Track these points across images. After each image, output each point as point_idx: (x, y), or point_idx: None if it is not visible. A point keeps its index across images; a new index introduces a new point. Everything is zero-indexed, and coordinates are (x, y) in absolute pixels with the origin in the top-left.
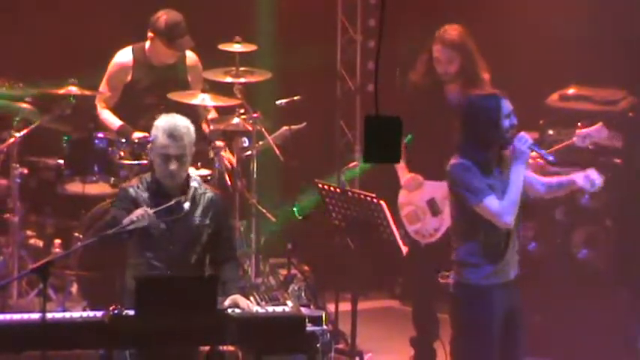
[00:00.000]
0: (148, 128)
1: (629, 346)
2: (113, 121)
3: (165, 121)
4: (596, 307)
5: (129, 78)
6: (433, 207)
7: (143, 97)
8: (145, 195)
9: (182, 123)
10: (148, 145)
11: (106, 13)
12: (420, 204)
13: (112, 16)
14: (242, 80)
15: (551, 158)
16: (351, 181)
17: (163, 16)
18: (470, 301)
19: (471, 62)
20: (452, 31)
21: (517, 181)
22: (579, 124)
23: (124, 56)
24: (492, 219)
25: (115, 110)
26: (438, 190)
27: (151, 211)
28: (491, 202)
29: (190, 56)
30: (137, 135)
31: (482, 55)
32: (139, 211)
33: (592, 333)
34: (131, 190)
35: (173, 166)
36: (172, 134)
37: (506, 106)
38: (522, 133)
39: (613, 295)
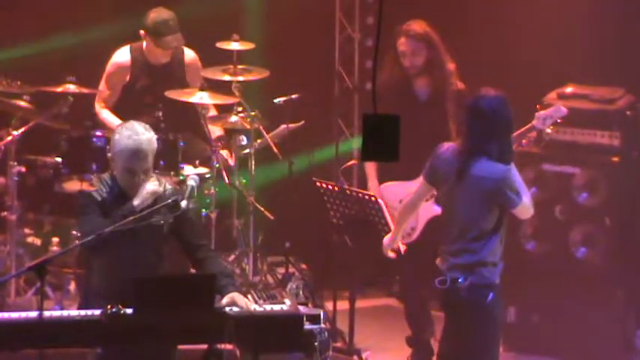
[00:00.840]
0: None
1: (627, 344)
2: (113, 120)
3: (127, 137)
4: (594, 306)
5: (127, 77)
6: None
7: (142, 97)
8: (109, 197)
9: (145, 138)
10: (110, 153)
11: (106, 11)
12: (395, 205)
13: (111, 14)
14: (240, 78)
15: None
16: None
17: (152, 14)
18: (492, 302)
19: (437, 53)
20: (416, 24)
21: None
22: (538, 106)
23: (122, 56)
24: (526, 215)
25: (114, 110)
26: (408, 189)
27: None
28: (526, 200)
29: (189, 54)
30: None
31: (449, 48)
32: (149, 189)
33: (590, 331)
34: (95, 194)
35: (139, 179)
36: (138, 154)
37: None
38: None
39: (611, 294)
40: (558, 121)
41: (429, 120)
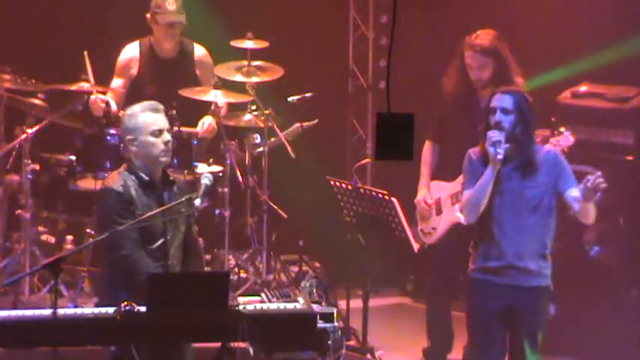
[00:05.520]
0: None
1: None
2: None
3: (139, 105)
4: (607, 305)
5: (135, 71)
6: (438, 206)
7: (151, 91)
8: (134, 191)
9: (154, 102)
10: (128, 137)
11: (120, 9)
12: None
13: (125, 11)
14: (254, 77)
15: (499, 157)
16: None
17: None
18: (468, 290)
19: (504, 67)
20: (483, 36)
21: (479, 183)
22: (555, 131)
23: (131, 50)
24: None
25: (125, 103)
26: (444, 190)
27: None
28: (465, 195)
29: (199, 50)
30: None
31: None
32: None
33: (603, 331)
34: (122, 190)
35: (168, 137)
36: (156, 108)
37: (494, 101)
38: (490, 131)
39: (625, 293)
40: (565, 150)
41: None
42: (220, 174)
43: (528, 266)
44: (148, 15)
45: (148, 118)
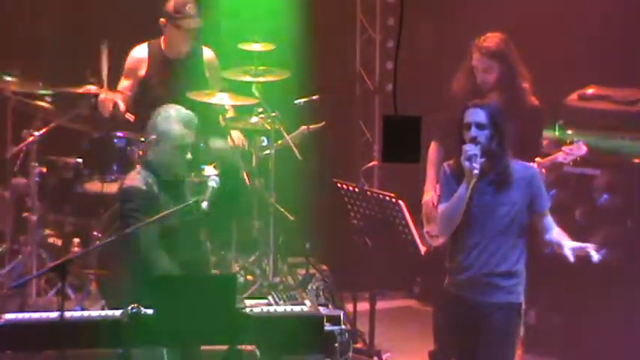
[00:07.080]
0: None
1: None
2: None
3: (176, 112)
4: (615, 308)
5: (143, 72)
6: None
7: (158, 92)
8: (156, 189)
9: (192, 113)
10: (152, 137)
11: (126, 12)
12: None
13: (131, 14)
14: (261, 79)
15: (475, 171)
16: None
17: (172, 0)
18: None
19: (510, 71)
20: (491, 39)
21: (454, 198)
22: (568, 140)
23: (140, 50)
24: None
25: (132, 105)
26: None
27: None
28: (439, 209)
29: (207, 52)
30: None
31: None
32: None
33: (610, 334)
34: (145, 187)
35: (190, 155)
36: (189, 124)
37: (468, 116)
38: (466, 145)
39: (633, 296)
40: (578, 159)
41: None
42: None
43: (497, 282)
44: (162, 19)
45: (180, 131)
